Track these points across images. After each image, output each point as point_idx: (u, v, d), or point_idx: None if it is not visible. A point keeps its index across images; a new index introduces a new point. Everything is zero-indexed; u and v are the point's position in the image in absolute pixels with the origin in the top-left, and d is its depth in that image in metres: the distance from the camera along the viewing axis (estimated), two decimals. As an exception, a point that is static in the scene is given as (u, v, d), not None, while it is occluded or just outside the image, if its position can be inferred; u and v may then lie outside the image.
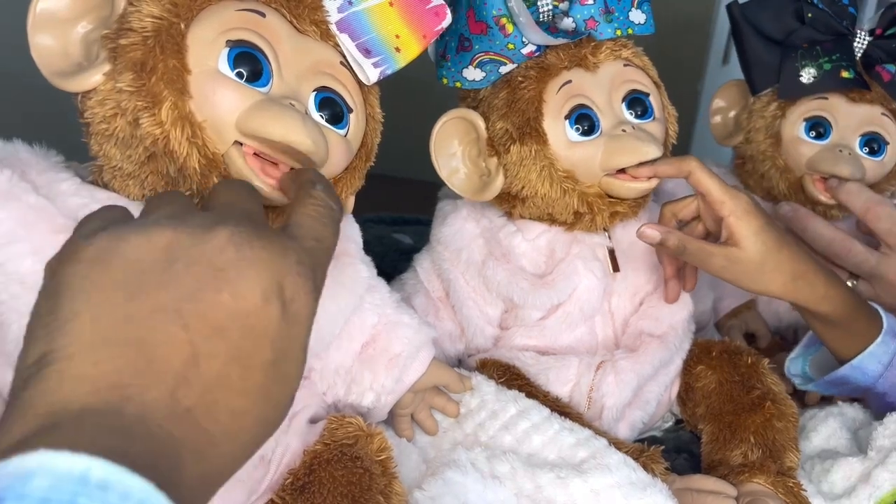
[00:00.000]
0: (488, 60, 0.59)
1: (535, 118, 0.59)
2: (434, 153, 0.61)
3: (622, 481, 0.51)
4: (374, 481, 0.47)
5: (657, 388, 0.64)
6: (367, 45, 0.47)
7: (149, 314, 0.27)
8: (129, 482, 0.22)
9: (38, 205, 0.40)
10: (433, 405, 0.59)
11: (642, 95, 0.61)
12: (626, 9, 0.61)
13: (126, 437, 0.24)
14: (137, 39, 0.40)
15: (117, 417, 0.25)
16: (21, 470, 0.21)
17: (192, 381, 0.26)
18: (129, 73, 0.40)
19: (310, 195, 0.35)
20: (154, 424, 0.25)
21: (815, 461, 0.60)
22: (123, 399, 0.25)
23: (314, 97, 0.45)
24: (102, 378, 0.25)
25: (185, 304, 0.27)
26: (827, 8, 0.71)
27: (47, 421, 0.24)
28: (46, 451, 0.22)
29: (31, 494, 0.21)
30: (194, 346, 0.27)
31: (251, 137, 0.42)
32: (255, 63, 0.42)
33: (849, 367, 0.60)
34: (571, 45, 0.60)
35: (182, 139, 0.40)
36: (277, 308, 0.28)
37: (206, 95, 0.41)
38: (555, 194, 0.60)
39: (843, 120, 0.74)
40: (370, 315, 0.55)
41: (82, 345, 0.26)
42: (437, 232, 0.66)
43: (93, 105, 0.42)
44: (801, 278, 0.57)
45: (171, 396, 0.26)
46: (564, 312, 0.63)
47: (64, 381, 0.25)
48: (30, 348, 0.27)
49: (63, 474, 0.21)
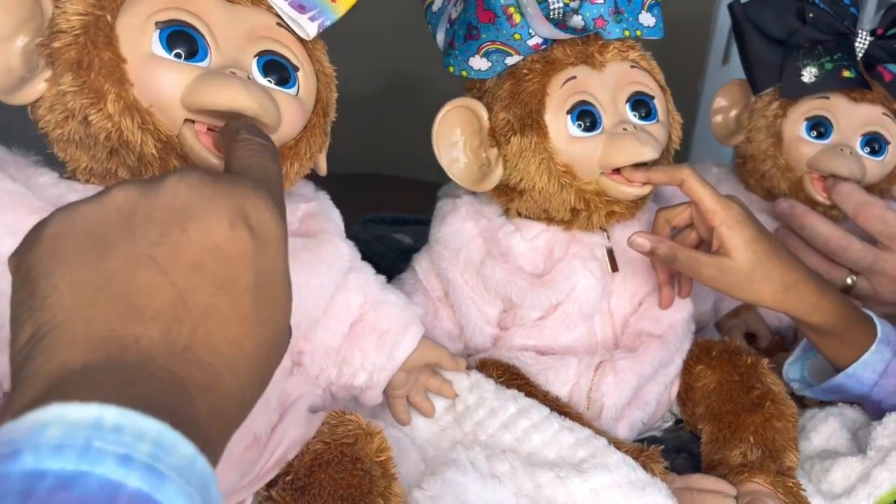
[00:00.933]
0: (494, 50, 0.59)
1: (538, 110, 0.59)
2: (436, 141, 0.60)
3: (621, 480, 0.51)
4: (375, 484, 0.47)
5: (657, 388, 0.64)
6: (300, 0, 0.47)
7: (123, 268, 0.27)
8: (143, 423, 0.22)
9: (14, 190, 0.40)
10: (428, 387, 0.59)
11: (647, 97, 0.61)
12: (636, 10, 0.61)
13: (132, 384, 0.25)
14: (69, 39, 0.41)
15: (119, 367, 0.25)
16: (35, 423, 0.22)
17: (183, 319, 0.27)
18: (69, 73, 0.40)
19: (237, 140, 0.35)
20: (155, 367, 0.26)
21: (815, 461, 0.60)
22: (121, 349, 0.26)
23: (257, 62, 0.45)
24: (96, 334, 0.26)
25: (156, 248, 0.28)
26: (828, 8, 0.71)
27: (54, 381, 0.24)
28: (58, 404, 0.22)
29: (46, 443, 0.21)
30: (176, 286, 0.27)
31: (199, 113, 0.42)
32: (189, 41, 0.42)
33: (843, 376, 0.60)
34: (578, 42, 0.60)
35: (133, 128, 0.41)
36: (246, 232, 0.29)
37: (145, 80, 0.41)
38: (552, 188, 0.60)
39: (844, 120, 0.74)
40: (355, 295, 0.55)
41: (68, 311, 0.26)
42: (435, 231, 0.66)
43: (43, 113, 0.42)
44: (791, 289, 0.57)
45: (165, 338, 0.26)
46: (563, 312, 0.63)
47: (60, 347, 0.26)
48: (19, 333, 0.27)
49: (76, 422, 0.22)
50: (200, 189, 0.29)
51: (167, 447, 0.22)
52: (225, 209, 0.29)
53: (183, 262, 0.28)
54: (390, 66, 1.77)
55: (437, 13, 0.63)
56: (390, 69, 1.81)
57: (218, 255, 0.28)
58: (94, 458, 0.21)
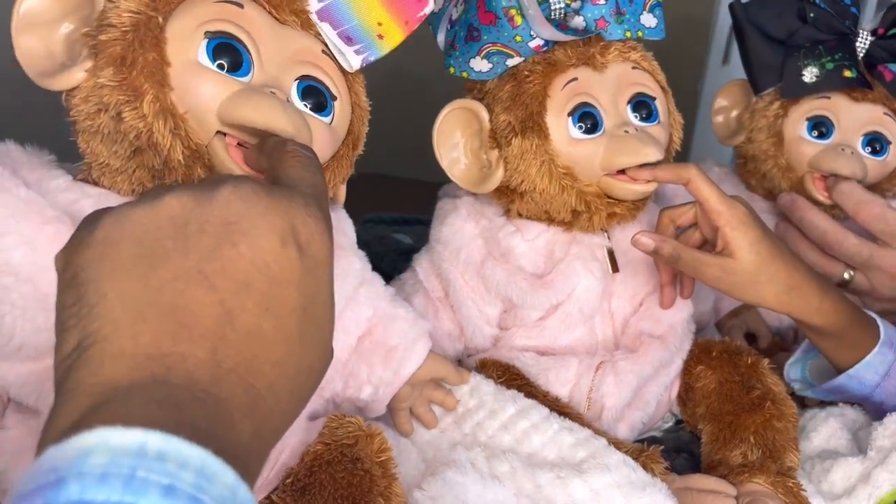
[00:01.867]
0: (496, 52, 0.59)
1: (539, 112, 0.59)
2: (436, 143, 0.60)
3: (621, 481, 0.51)
4: (375, 483, 0.47)
5: (657, 389, 0.64)
6: (349, 33, 0.47)
7: (173, 281, 0.27)
8: (187, 451, 0.22)
9: (28, 197, 0.40)
10: (432, 399, 0.59)
11: (648, 99, 0.61)
12: (637, 11, 0.60)
13: (176, 407, 0.24)
14: (117, 35, 0.40)
15: (164, 388, 0.25)
16: (79, 449, 0.21)
17: (230, 340, 0.27)
18: (110, 68, 0.40)
19: (285, 152, 0.35)
20: (200, 389, 0.25)
21: (815, 461, 0.60)
22: (166, 369, 0.25)
23: (297, 86, 0.45)
24: (142, 351, 0.25)
25: (207, 264, 0.27)
26: (829, 7, 0.71)
27: (98, 399, 0.24)
28: (102, 429, 0.22)
29: (91, 472, 0.21)
30: (224, 305, 0.27)
31: (233, 127, 0.42)
32: (234, 54, 0.42)
33: (845, 377, 0.60)
34: (580, 44, 0.60)
35: (165, 131, 0.40)
36: (295, 252, 0.28)
37: (186, 87, 0.41)
38: (553, 190, 0.60)
39: (845, 120, 0.74)
40: (365, 308, 0.55)
41: (115, 323, 0.26)
42: (436, 231, 0.66)
43: (77, 102, 0.42)
44: (795, 290, 0.57)
45: (212, 359, 0.26)
46: (564, 312, 0.63)
47: (106, 361, 0.25)
48: (64, 340, 0.27)
49: (120, 449, 0.21)
50: (254, 202, 0.28)
51: (210, 476, 0.22)
52: (276, 225, 0.28)
53: (233, 280, 0.27)
54: (390, 66, 1.77)
55: (438, 14, 0.63)
56: (390, 69, 1.81)
57: (267, 274, 0.28)
58: (138, 488, 0.21)
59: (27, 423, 0.41)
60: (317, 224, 0.30)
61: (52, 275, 0.38)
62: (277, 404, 0.28)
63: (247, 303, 0.27)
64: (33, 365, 0.39)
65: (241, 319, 0.27)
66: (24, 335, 0.39)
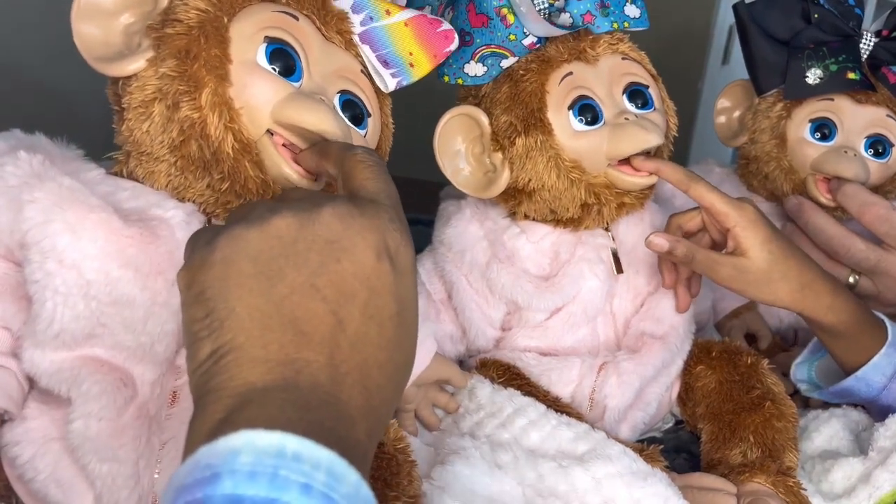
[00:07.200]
0: (490, 54, 0.59)
1: (539, 109, 0.59)
2: (438, 152, 0.61)
3: (623, 471, 0.51)
4: (401, 466, 0.49)
5: (658, 389, 0.64)
6: (385, 57, 0.52)
7: (290, 295, 0.30)
8: (318, 453, 0.25)
9: (72, 186, 0.41)
10: (435, 401, 0.60)
11: (642, 87, 0.62)
12: (621, 3, 0.61)
13: (307, 409, 0.27)
14: (183, 29, 0.43)
15: (295, 391, 0.28)
16: (228, 448, 0.24)
17: (343, 345, 0.30)
18: (173, 59, 0.43)
19: (356, 160, 0.37)
20: (323, 391, 0.28)
21: (816, 461, 0.60)
22: (295, 373, 0.28)
23: (338, 98, 0.48)
24: (273, 358, 0.29)
25: (317, 278, 0.30)
26: (833, 8, 0.71)
27: (239, 400, 0.27)
28: (246, 431, 0.25)
29: (241, 469, 0.24)
30: (336, 314, 0.30)
31: (285, 126, 0.44)
32: (288, 59, 0.45)
33: (853, 380, 0.60)
34: (570, 39, 0.61)
35: (219, 124, 0.43)
36: (388, 263, 0.32)
37: (245, 84, 0.44)
38: (562, 185, 0.60)
39: (848, 121, 0.74)
40: None
41: (247, 334, 0.29)
42: (440, 233, 0.66)
43: (133, 90, 0.44)
44: (807, 287, 0.58)
45: (331, 362, 0.29)
46: (568, 313, 0.63)
47: (242, 366, 0.29)
48: (198, 350, 0.30)
49: (264, 450, 0.24)
50: (350, 222, 0.32)
51: (338, 476, 0.25)
52: (371, 242, 0.32)
53: (341, 291, 0.30)
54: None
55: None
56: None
57: (368, 284, 0.31)
58: (281, 485, 0.23)
59: (50, 414, 0.41)
60: (402, 236, 0.33)
61: (95, 263, 0.40)
62: (383, 403, 0.31)
63: (353, 312, 0.30)
64: (67, 353, 0.40)
65: (350, 327, 0.30)
66: (64, 322, 0.39)
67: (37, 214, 0.39)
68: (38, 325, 0.39)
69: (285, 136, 0.44)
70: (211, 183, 0.45)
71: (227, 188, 0.44)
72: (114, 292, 0.41)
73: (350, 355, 0.30)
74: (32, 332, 0.40)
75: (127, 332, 0.41)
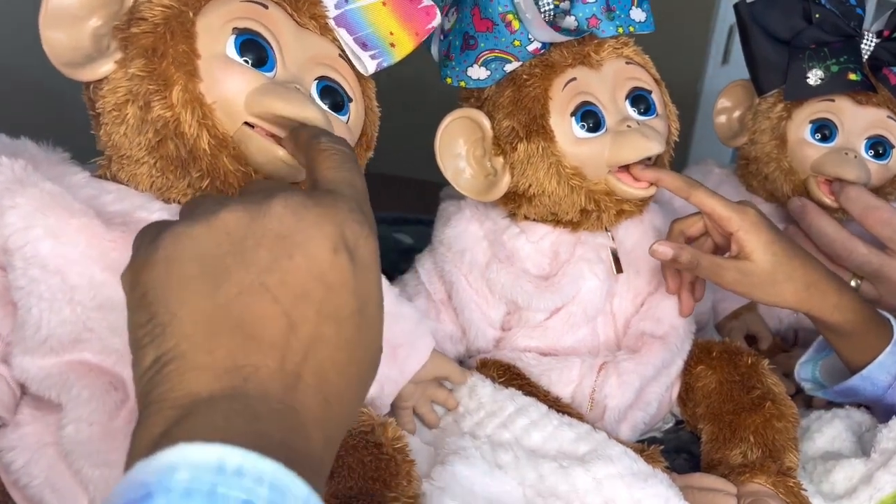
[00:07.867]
0: (493, 58, 0.59)
1: (542, 115, 0.59)
2: (439, 154, 0.61)
3: (624, 471, 0.51)
4: (400, 467, 0.49)
5: (658, 389, 0.64)
6: (364, 39, 0.50)
7: (238, 295, 0.28)
8: (261, 465, 0.23)
9: (53, 191, 0.40)
10: (434, 398, 0.60)
11: (645, 93, 0.62)
12: (626, 7, 0.61)
13: (256, 419, 0.25)
14: (148, 27, 0.42)
15: (243, 400, 0.26)
16: (165, 464, 0.23)
17: (295, 348, 0.27)
18: (141, 59, 0.42)
19: (320, 149, 0.35)
20: (275, 401, 0.26)
21: (818, 462, 0.60)
22: (243, 380, 0.26)
23: (315, 85, 0.47)
24: (219, 365, 0.27)
25: (267, 277, 0.28)
26: (834, 8, 0.71)
27: (181, 412, 0.25)
28: (185, 445, 0.23)
29: (176, 487, 0.22)
30: (288, 315, 0.28)
31: (262, 118, 0.43)
32: (259, 50, 0.44)
33: (858, 378, 0.60)
34: (575, 43, 0.60)
35: (192, 121, 0.42)
36: (346, 257, 0.29)
37: (215, 78, 0.43)
38: (562, 192, 0.60)
39: (849, 123, 0.73)
40: None
41: (190, 340, 0.27)
42: (440, 233, 0.66)
43: (105, 94, 0.43)
44: (813, 287, 0.58)
45: (281, 368, 0.27)
46: (567, 313, 0.63)
47: (185, 375, 0.26)
48: (142, 357, 0.28)
49: (202, 465, 0.22)
50: (304, 214, 0.29)
51: (283, 490, 0.23)
52: (327, 234, 0.29)
53: (293, 290, 0.28)
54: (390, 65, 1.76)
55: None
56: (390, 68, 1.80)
57: (323, 281, 0.29)
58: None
59: (44, 419, 0.41)
60: (362, 228, 0.30)
61: (78, 267, 0.39)
62: (342, 408, 0.29)
63: (307, 312, 0.28)
64: (56, 358, 0.40)
65: (304, 328, 0.28)
66: (50, 328, 0.39)
67: (18, 220, 0.39)
68: (26, 331, 0.39)
69: (266, 127, 0.44)
70: (191, 182, 0.44)
71: (208, 185, 0.44)
72: (98, 296, 0.40)
73: (304, 359, 0.28)
74: (21, 338, 0.40)
75: (114, 336, 0.41)
